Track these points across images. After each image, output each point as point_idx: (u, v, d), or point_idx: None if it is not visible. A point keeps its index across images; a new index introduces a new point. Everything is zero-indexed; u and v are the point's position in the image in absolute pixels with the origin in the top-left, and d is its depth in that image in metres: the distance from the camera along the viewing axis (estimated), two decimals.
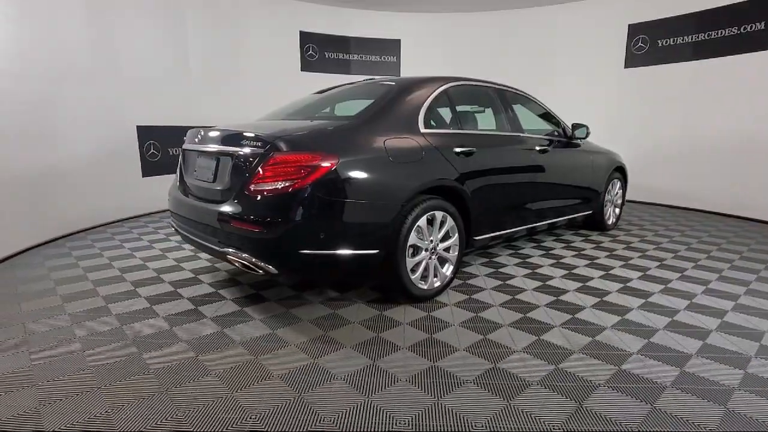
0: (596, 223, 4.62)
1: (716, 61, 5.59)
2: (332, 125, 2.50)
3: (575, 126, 3.98)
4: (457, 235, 2.88)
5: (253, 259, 2.26)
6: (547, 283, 3.14)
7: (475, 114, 3.35)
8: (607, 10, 6.60)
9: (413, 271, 2.66)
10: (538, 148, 3.56)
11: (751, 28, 5.20)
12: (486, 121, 3.41)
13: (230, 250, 2.36)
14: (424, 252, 2.71)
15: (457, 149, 2.85)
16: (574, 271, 3.41)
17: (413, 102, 2.78)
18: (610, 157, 4.59)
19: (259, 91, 6.80)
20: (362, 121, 2.57)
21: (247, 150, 2.34)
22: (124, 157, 5.28)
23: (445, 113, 3.01)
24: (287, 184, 2.19)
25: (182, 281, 3.17)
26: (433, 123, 2.85)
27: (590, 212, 4.40)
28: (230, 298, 2.84)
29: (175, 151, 5.92)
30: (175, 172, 5.91)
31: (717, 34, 5.54)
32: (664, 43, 6.10)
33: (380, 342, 2.27)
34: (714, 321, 2.53)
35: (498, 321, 2.52)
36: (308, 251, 2.26)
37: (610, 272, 3.39)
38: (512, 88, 3.72)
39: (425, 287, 2.74)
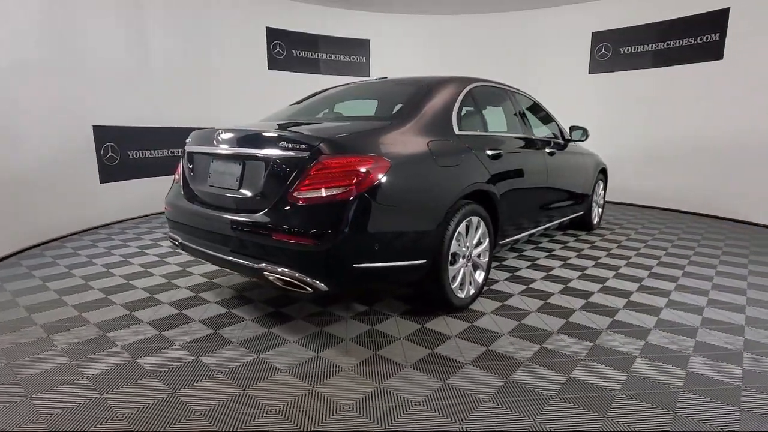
0: (583, 224, 4.76)
1: (675, 69, 6.00)
2: (374, 126, 2.31)
3: (573, 128, 4.05)
4: (487, 240, 2.79)
5: (299, 275, 2.01)
6: (569, 285, 3.14)
7: (494, 116, 3.29)
8: (573, 18, 6.87)
9: (452, 279, 2.53)
10: (548, 150, 3.57)
11: (706, 39, 5.62)
12: (501, 123, 3.36)
13: (267, 266, 2.09)
14: (461, 259, 2.59)
15: (489, 152, 2.76)
16: (586, 271, 3.45)
17: (445, 102, 2.66)
18: (596, 159, 4.74)
19: (226, 89, 6.38)
20: (404, 121, 2.40)
21: (286, 153, 2.09)
22: (80, 161, 4.69)
23: (472, 115, 2.91)
24: (339, 191, 1.98)
25: (184, 301, 2.81)
26: (463, 125, 2.74)
27: (582, 213, 4.51)
28: (250, 319, 2.55)
29: (136, 154, 5.36)
30: (134, 177, 5.40)
31: (675, 43, 5.94)
32: (626, 50, 6.45)
33: (439, 359, 2.11)
34: (739, 316, 2.64)
35: (544, 327, 2.45)
36: (362, 264, 2.06)
37: (618, 271, 3.46)
38: (519, 90, 3.71)
39: (462, 296, 2.62)
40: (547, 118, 4.00)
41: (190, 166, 2.61)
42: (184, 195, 2.60)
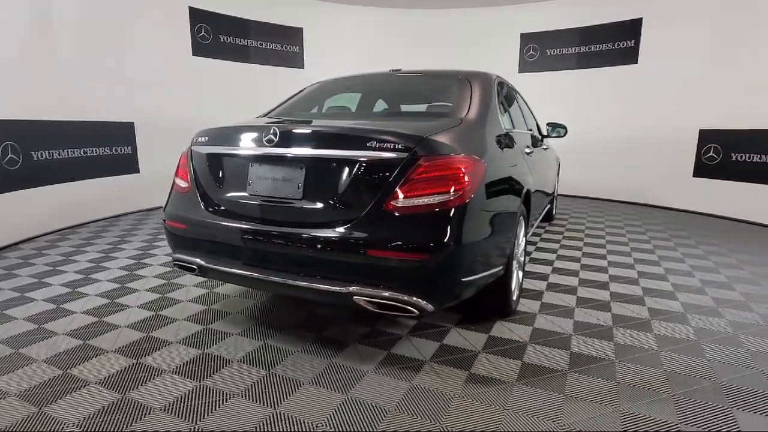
0: (547, 215, 5.01)
1: (596, 71, 6.63)
2: (451, 123, 2.09)
3: (551, 125, 4.20)
4: (524, 238, 2.75)
5: (403, 296, 1.73)
6: (580, 276, 3.26)
7: (512, 112, 3.24)
8: (504, 18, 7.20)
9: None
10: (544, 146, 3.66)
11: (623, 44, 6.31)
12: (517, 119, 3.33)
13: (358, 288, 1.76)
14: (514, 261, 2.50)
15: (526, 149, 2.71)
16: (582, 261, 3.62)
17: (491, 98, 2.53)
18: (556, 153, 5.03)
19: (146, 77, 5.48)
20: (470, 119, 2.21)
21: (375, 153, 1.77)
22: None
23: (504, 111, 2.83)
24: (447, 197, 1.74)
25: (198, 338, 2.29)
26: (503, 121, 2.64)
27: (550, 205, 4.75)
28: (298, 350, 2.17)
29: (43, 155, 4.31)
30: (43, 184, 4.26)
31: (596, 48, 6.57)
32: (552, 52, 6.96)
33: (537, 370, 2.00)
34: (734, 293, 2.97)
35: (599, 323, 2.49)
36: (469, 278, 1.85)
37: (609, 259, 3.69)
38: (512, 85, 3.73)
39: (514, 298, 2.55)
40: (530, 114, 4.09)
41: (213, 171, 2.11)
42: (204, 207, 2.10)
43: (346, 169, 1.81)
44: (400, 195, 1.73)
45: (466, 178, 1.78)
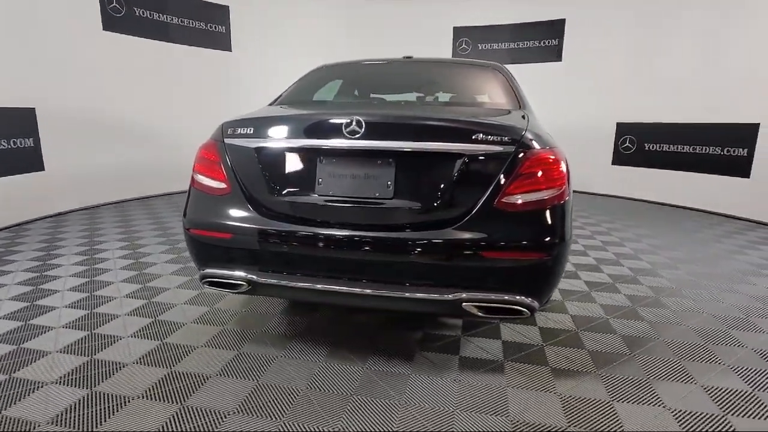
0: None
1: (525, 66, 7.06)
2: (522, 114, 2.01)
3: None
4: None
5: (517, 298, 1.63)
6: (571, 261, 3.44)
7: None
8: (437, 11, 7.29)
9: None
10: None
11: (549, 43, 6.81)
12: None
13: (468, 294, 1.61)
14: None
15: None
16: None
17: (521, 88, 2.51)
18: None
19: (46, 54, 4.53)
20: (527, 110, 2.16)
21: (481, 147, 1.63)
22: None
23: None
24: (553, 192, 1.67)
25: (238, 366, 1.94)
26: None
27: None
28: (363, 368, 1.95)
29: None
30: None
31: (525, 44, 6.99)
32: (484, 47, 7.25)
33: (607, 357, 2.07)
34: (698, 267, 3.39)
35: (621, 305, 2.65)
36: (564, 272, 1.81)
37: (581, 243, 3.98)
38: None
39: None
40: None
41: (263, 168, 1.76)
42: (257, 212, 1.75)
43: (448, 164, 1.64)
44: (512, 191, 1.62)
45: (564, 171, 1.73)
